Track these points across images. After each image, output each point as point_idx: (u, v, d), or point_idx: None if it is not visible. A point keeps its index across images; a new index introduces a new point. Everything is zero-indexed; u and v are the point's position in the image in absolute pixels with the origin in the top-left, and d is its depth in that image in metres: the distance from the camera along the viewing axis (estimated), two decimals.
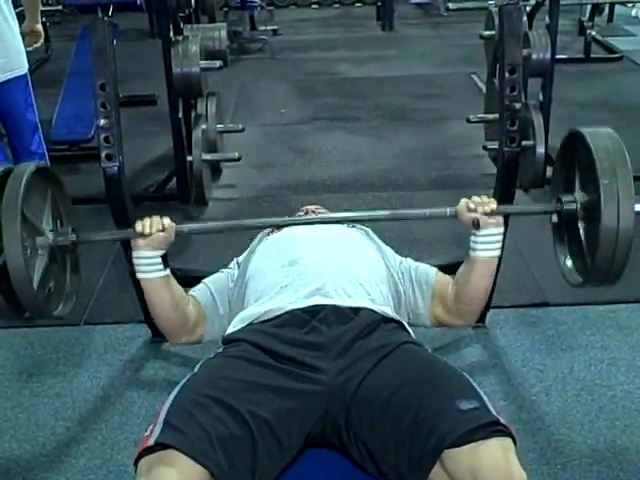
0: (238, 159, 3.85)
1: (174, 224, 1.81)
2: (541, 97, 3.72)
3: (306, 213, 2.21)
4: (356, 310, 1.69)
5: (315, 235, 1.97)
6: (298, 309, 1.68)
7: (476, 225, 1.79)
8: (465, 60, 6.08)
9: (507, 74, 2.10)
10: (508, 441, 1.37)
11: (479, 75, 5.47)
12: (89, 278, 2.99)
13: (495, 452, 1.33)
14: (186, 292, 1.94)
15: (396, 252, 2.10)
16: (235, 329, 1.74)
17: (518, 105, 2.11)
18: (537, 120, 3.63)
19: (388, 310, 1.76)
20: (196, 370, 1.59)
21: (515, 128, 2.13)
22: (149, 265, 1.80)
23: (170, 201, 3.70)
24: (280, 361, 1.56)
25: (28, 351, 2.63)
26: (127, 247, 1.91)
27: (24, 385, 2.44)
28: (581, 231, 1.75)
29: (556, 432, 2.15)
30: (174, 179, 3.77)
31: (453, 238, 3.08)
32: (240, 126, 4.15)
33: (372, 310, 1.71)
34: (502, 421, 1.39)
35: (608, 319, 2.68)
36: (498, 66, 2.39)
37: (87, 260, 1.98)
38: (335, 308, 1.68)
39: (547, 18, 3.61)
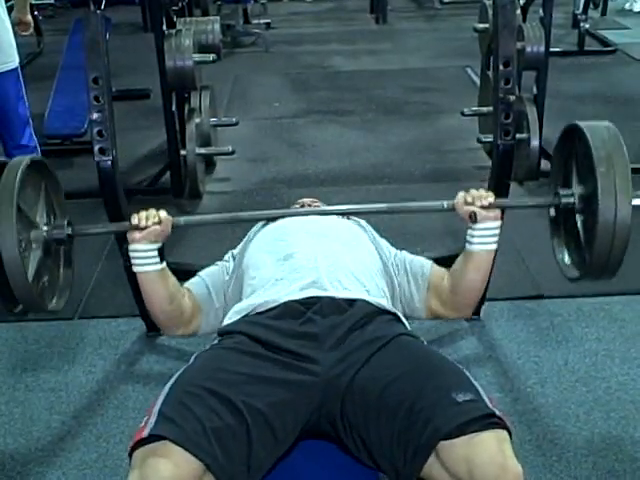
0: (232, 153, 3.84)
1: (170, 217, 1.80)
2: (535, 90, 3.72)
3: (302, 206, 2.21)
4: (351, 302, 1.69)
5: (310, 228, 1.96)
6: (293, 300, 1.68)
7: (473, 219, 1.79)
8: (459, 53, 6.07)
9: (501, 67, 2.10)
10: (504, 433, 1.37)
11: (473, 68, 5.46)
12: (83, 272, 2.97)
13: (490, 444, 1.33)
14: (181, 285, 1.93)
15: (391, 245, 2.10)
16: (230, 321, 1.74)
17: (512, 98, 2.11)
18: (531, 113, 3.63)
19: (384, 302, 1.76)
20: (191, 362, 1.59)
21: (510, 121, 2.13)
22: (145, 258, 1.79)
23: (164, 195, 3.69)
24: (275, 352, 1.56)
25: (22, 345, 2.62)
26: (122, 241, 1.90)
27: (18, 380, 2.44)
28: (579, 225, 1.75)
29: (551, 424, 2.16)
30: (168, 173, 3.76)
31: (447, 231, 3.08)
32: (234, 120, 4.14)
33: (368, 302, 1.71)
34: (498, 413, 1.39)
35: (603, 311, 2.69)
36: (492, 59, 2.39)
37: (81, 254, 1.99)
38: (330, 300, 1.68)
39: (541, 11, 3.61)
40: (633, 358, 2.43)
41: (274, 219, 2.04)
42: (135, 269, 1.82)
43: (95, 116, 2.02)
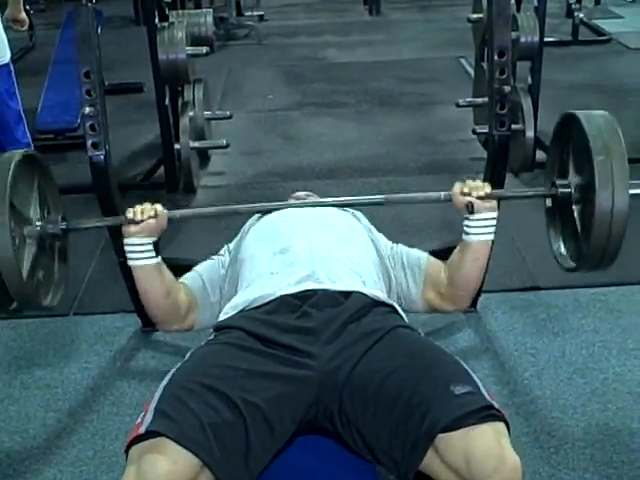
0: (226, 146, 3.82)
1: (166, 210, 1.80)
2: (530, 80, 3.71)
3: (297, 199, 2.20)
4: (347, 294, 1.68)
5: (306, 220, 1.95)
6: (289, 294, 1.67)
7: (470, 209, 1.78)
8: (453, 44, 6.05)
9: (496, 57, 2.09)
10: (501, 426, 1.37)
11: (467, 59, 5.45)
12: (78, 268, 2.95)
13: (488, 437, 1.33)
14: (177, 280, 1.92)
15: (388, 238, 2.09)
16: (226, 316, 1.73)
17: (507, 88, 2.10)
18: (526, 103, 3.62)
19: (380, 293, 1.75)
20: (187, 358, 1.58)
21: (505, 111, 2.12)
22: (140, 252, 1.78)
23: (158, 189, 3.67)
24: (271, 347, 1.55)
25: (17, 342, 2.60)
26: (115, 236, 1.89)
27: (13, 377, 2.42)
28: (575, 215, 1.74)
29: (549, 415, 2.16)
30: (162, 167, 3.74)
31: (444, 223, 3.07)
32: (228, 113, 4.11)
33: (363, 294, 1.70)
34: (496, 406, 1.39)
35: (599, 302, 2.68)
36: (486, 49, 2.37)
37: (76, 250, 1.99)
38: (326, 292, 1.67)
39: (535, 0, 3.60)
40: (630, 349, 2.43)
41: (270, 212, 2.03)
42: (130, 263, 1.81)
43: (87, 110, 2.01)
